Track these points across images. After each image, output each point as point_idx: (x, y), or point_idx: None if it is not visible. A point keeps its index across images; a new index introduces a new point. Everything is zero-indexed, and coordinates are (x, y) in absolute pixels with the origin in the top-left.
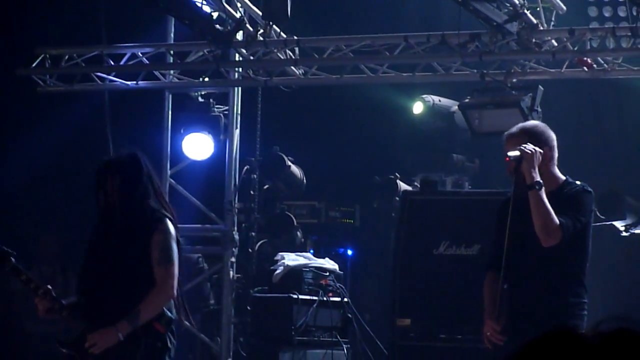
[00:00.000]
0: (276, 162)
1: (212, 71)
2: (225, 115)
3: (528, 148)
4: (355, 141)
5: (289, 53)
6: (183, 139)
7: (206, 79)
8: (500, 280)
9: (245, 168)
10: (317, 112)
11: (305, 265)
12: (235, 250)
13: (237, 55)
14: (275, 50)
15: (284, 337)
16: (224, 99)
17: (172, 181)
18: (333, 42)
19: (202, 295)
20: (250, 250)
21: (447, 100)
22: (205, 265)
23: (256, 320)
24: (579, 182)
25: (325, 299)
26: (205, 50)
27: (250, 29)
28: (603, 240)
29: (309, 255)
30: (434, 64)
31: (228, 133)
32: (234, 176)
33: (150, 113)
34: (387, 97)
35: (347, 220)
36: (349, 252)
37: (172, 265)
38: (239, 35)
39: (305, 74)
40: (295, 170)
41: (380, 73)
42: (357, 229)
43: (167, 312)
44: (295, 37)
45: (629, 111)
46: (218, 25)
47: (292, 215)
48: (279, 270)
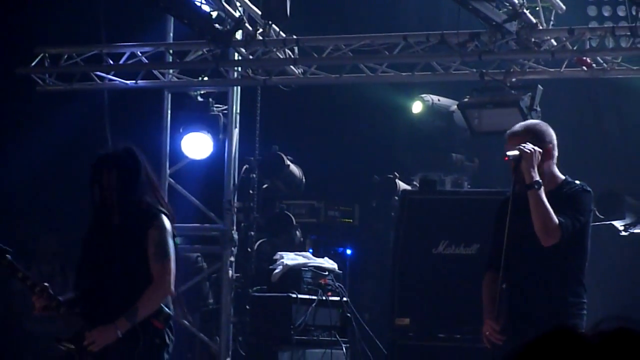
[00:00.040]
0: (275, 162)
1: (212, 70)
2: (225, 115)
3: (527, 147)
4: (355, 140)
5: (288, 52)
6: (182, 138)
7: (205, 78)
8: (499, 279)
9: (244, 167)
10: (317, 112)
11: (304, 265)
12: (234, 250)
13: (237, 55)
14: (274, 50)
15: (283, 337)
16: (223, 98)
17: (171, 180)
18: (332, 42)
19: (201, 294)
20: (249, 250)
21: (447, 99)
22: (204, 265)
23: (255, 319)
24: (578, 182)
25: (324, 298)
26: (204, 50)
27: (250, 28)
28: (602, 239)
29: (308, 254)
30: (433, 63)
31: (227, 132)
32: (233, 175)
33: (149, 112)
34: (386, 97)
35: (346, 220)
36: (348, 252)
37: (169, 261)
38: (238, 35)
39: (304, 73)
40: (295, 169)
41: (379, 72)
42: (356, 228)
43: (165, 309)
44: (295, 37)
45: (629, 111)
46: (217, 25)
47: (291, 215)
48: (278, 270)
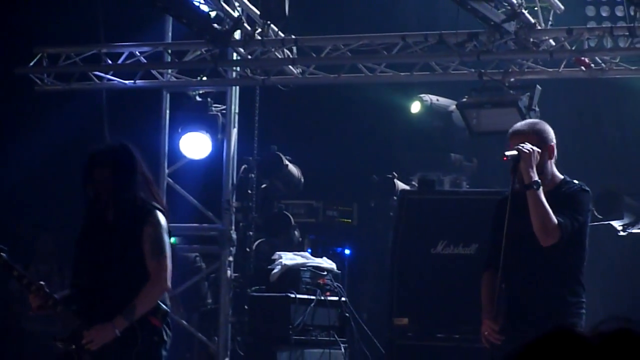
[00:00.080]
0: (274, 161)
1: (210, 70)
2: (223, 115)
3: (526, 147)
4: (353, 140)
5: (286, 52)
6: (181, 138)
7: (204, 78)
8: (498, 279)
9: (242, 167)
10: (315, 112)
11: (303, 265)
12: (233, 250)
13: (235, 55)
14: (273, 50)
15: (281, 337)
16: (221, 98)
17: (170, 180)
18: (331, 42)
19: (200, 294)
20: (247, 250)
21: (445, 99)
22: (203, 265)
23: (254, 319)
24: (576, 181)
25: (322, 298)
26: (203, 50)
27: (248, 28)
28: (601, 240)
29: (307, 254)
30: (432, 63)
31: (226, 132)
32: (232, 175)
33: (147, 112)
34: (385, 97)
35: (345, 220)
36: (347, 252)
37: (165, 257)
38: (237, 35)
39: (303, 73)
40: (293, 169)
41: (378, 72)
42: (355, 228)
43: (162, 305)
44: (293, 37)
45: (627, 111)
46: (216, 25)
47: (290, 215)
48: (277, 270)
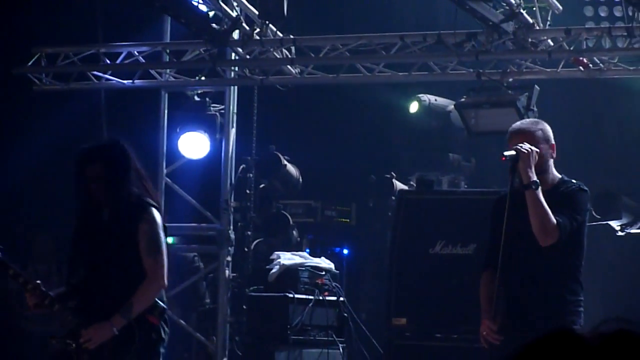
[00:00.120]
0: (272, 161)
1: (209, 70)
2: (222, 114)
3: (524, 147)
4: (352, 140)
5: (285, 52)
6: (179, 138)
7: (202, 77)
8: (497, 279)
9: (241, 167)
10: (314, 112)
11: (301, 265)
12: (231, 250)
13: (234, 54)
14: (271, 49)
15: (279, 337)
16: (220, 97)
17: (168, 180)
18: (329, 42)
19: (198, 294)
20: (246, 250)
21: (443, 99)
22: (201, 264)
23: (252, 319)
24: (574, 181)
25: (321, 298)
26: (201, 49)
27: (247, 28)
28: (599, 240)
29: (305, 254)
30: (430, 63)
31: (224, 132)
32: (230, 175)
33: (146, 112)
34: (383, 97)
35: (343, 220)
36: (345, 251)
37: (161, 254)
38: (235, 34)
39: (301, 73)
40: (291, 169)
41: (376, 72)
42: (353, 228)
43: (160, 303)
44: (292, 36)
45: (626, 111)
46: (214, 24)
47: (288, 215)
48: (275, 270)
